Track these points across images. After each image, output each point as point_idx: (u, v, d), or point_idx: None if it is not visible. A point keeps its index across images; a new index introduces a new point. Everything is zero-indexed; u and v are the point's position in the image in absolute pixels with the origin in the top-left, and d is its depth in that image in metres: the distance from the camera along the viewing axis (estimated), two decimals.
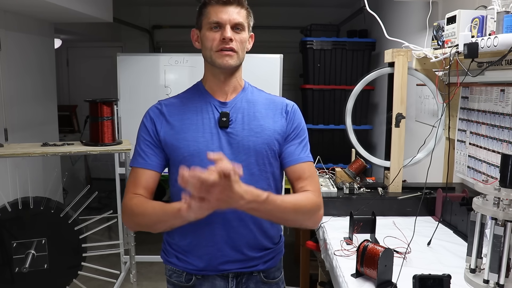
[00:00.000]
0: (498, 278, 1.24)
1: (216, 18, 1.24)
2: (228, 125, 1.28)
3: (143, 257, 3.61)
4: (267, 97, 1.38)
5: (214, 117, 1.29)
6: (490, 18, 1.57)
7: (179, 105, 1.33)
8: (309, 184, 1.28)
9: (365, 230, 1.69)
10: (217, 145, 1.27)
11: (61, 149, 2.39)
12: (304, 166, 1.31)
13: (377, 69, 2.25)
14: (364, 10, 2.26)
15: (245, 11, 1.29)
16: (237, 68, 1.32)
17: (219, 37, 1.24)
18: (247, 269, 1.32)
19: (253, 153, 1.27)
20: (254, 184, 1.12)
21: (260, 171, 1.29)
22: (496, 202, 1.23)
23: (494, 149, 1.86)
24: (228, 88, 1.33)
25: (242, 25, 1.27)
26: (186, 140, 1.27)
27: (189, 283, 1.32)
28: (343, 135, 2.31)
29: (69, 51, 6.33)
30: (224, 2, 1.24)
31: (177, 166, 1.16)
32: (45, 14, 3.45)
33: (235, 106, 1.31)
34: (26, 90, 3.57)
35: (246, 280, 1.34)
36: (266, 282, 1.37)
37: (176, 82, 3.38)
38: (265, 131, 1.29)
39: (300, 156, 1.31)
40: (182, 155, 1.27)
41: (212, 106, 1.31)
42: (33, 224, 2.22)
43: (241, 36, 1.27)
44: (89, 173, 5.87)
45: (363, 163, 2.23)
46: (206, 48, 1.27)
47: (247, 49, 1.33)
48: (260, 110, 1.33)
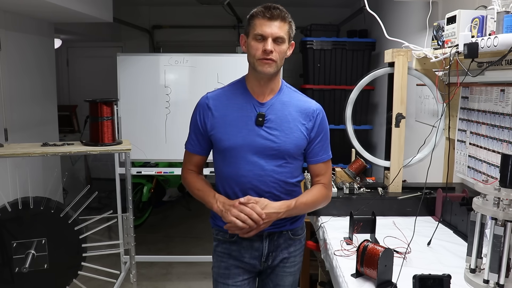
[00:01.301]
0: (498, 278, 1.24)
1: (260, 31, 1.46)
2: (263, 124, 1.54)
3: (143, 257, 3.61)
4: (299, 99, 1.62)
5: (252, 115, 1.55)
6: (490, 18, 1.57)
7: (224, 100, 1.59)
8: (323, 178, 1.65)
9: (365, 230, 1.69)
10: (251, 140, 1.53)
11: (61, 149, 2.39)
12: (322, 165, 1.64)
13: (371, 72, 2.23)
14: (364, 10, 2.27)
15: (288, 25, 1.49)
16: (275, 74, 1.55)
17: (262, 47, 1.46)
18: (277, 229, 1.62)
19: (282, 149, 1.55)
20: (278, 173, 1.55)
21: (286, 163, 1.57)
22: (496, 202, 1.23)
23: (494, 149, 1.86)
24: (267, 89, 1.57)
25: (283, 38, 1.48)
26: (228, 133, 1.55)
27: (233, 239, 1.63)
28: (343, 135, 2.31)
29: (69, 51, 6.33)
30: (269, 17, 1.45)
31: (219, 153, 1.59)
32: (45, 14, 3.45)
33: (271, 107, 1.56)
34: (26, 90, 3.57)
35: (277, 237, 1.65)
36: (292, 238, 1.68)
37: (176, 82, 3.38)
38: (294, 133, 1.56)
39: (322, 157, 1.63)
40: (223, 146, 1.56)
41: (251, 106, 1.56)
42: (33, 224, 2.22)
43: (281, 48, 1.49)
44: (89, 173, 5.87)
45: (363, 163, 2.23)
46: (250, 55, 1.51)
47: (286, 56, 1.55)
48: (291, 112, 1.57)
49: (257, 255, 1.64)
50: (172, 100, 3.37)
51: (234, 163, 1.55)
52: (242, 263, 1.65)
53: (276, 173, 1.56)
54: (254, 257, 1.64)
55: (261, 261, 1.65)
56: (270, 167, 1.55)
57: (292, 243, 1.68)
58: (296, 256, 1.71)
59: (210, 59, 3.37)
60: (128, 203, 2.61)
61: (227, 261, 1.66)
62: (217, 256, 1.70)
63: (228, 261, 1.66)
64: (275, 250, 1.65)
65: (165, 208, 5.26)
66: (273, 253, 1.65)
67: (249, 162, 1.54)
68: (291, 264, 1.70)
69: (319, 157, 1.63)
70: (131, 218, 2.58)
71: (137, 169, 3.68)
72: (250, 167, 1.54)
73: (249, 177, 1.54)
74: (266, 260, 1.65)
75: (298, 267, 1.74)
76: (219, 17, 5.48)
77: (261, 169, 1.54)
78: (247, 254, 1.64)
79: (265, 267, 1.67)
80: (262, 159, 1.54)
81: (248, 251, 1.63)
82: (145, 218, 4.68)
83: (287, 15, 1.49)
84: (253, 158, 1.54)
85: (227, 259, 1.66)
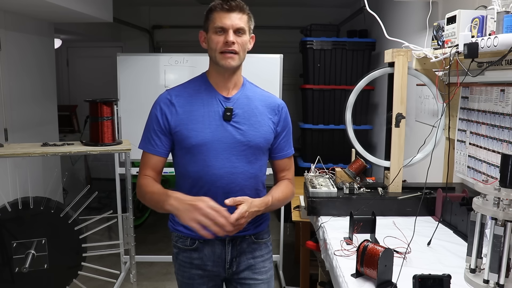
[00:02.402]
0: (498, 278, 1.24)
1: (220, 23, 1.42)
2: (231, 118, 1.49)
3: (143, 257, 3.62)
4: (262, 94, 1.59)
5: (219, 110, 1.49)
6: (490, 18, 1.57)
7: (187, 96, 1.51)
8: (289, 174, 1.65)
9: (365, 230, 1.69)
10: (220, 136, 1.47)
11: (61, 149, 2.39)
12: (287, 160, 1.64)
13: (369, 73, 2.20)
14: (364, 10, 2.26)
15: (247, 16, 1.47)
16: (238, 67, 1.51)
17: (222, 40, 1.43)
18: (240, 233, 1.52)
19: (253, 144, 1.50)
20: (249, 170, 1.51)
21: (256, 160, 1.53)
22: (496, 202, 1.23)
23: (494, 149, 1.86)
24: (230, 84, 1.53)
25: (243, 29, 1.45)
26: (195, 130, 1.47)
27: (193, 246, 1.57)
28: (343, 135, 2.31)
29: (69, 51, 6.33)
30: (228, 9, 1.42)
31: (184, 152, 1.49)
32: (45, 14, 3.45)
33: (237, 101, 1.52)
34: (26, 90, 3.57)
35: (240, 242, 1.59)
36: (256, 242, 1.63)
37: (176, 82, 3.34)
38: (263, 127, 1.52)
39: (287, 152, 1.63)
40: (190, 144, 1.47)
41: (217, 100, 1.51)
42: (33, 224, 2.22)
43: (243, 39, 1.46)
44: (89, 173, 5.87)
45: (363, 163, 2.23)
46: (211, 49, 1.46)
47: (248, 49, 1.51)
48: (257, 106, 1.54)
49: (220, 262, 1.58)
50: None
51: (203, 160, 1.47)
52: (206, 272, 1.59)
53: (247, 170, 1.50)
54: (218, 264, 1.58)
55: (225, 268, 1.59)
56: (242, 163, 1.49)
57: (257, 247, 1.63)
58: (265, 262, 1.65)
59: None
60: (128, 203, 2.61)
61: (189, 271, 1.60)
62: (179, 265, 1.62)
63: (190, 270, 1.59)
64: (238, 256, 1.59)
65: None
66: (236, 259, 1.59)
67: (219, 159, 1.47)
68: (261, 270, 1.63)
69: (285, 152, 1.61)
70: (131, 218, 2.58)
71: (137, 169, 3.65)
72: (221, 164, 1.47)
73: (219, 174, 1.47)
74: (230, 267, 1.59)
75: (270, 274, 1.67)
76: None
77: (232, 166, 1.48)
78: (210, 262, 1.58)
79: (230, 273, 1.61)
80: (233, 155, 1.48)
81: (210, 258, 1.57)
82: (145, 218, 4.68)
83: (246, 7, 1.46)
84: (223, 154, 1.47)
85: (189, 269, 1.60)
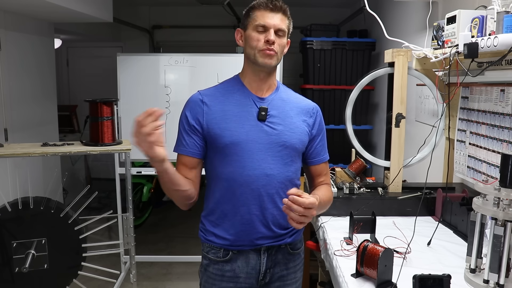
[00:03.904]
0: (498, 278, 1.24)
1: (263, 22, 1.40)
2: (266, 118, 1.44)
3: (143, 257, 3.61)
4: (296, 97, 1.56)
5: (253, 110, 1.45)
6: (490, 18, 1.57)
7: (220, 96, 1.48)
8: (327, 179, 1.61)
9: (365, 230, 1.69)
10: (256, 136, 1.43)
11: (61, 149, 2.39)
12: (324, 165, 1.60)
13: (371, 72, 2.22)
14: (364, 10, 2.26)
15: (288, 20, 1.45)
16: (274, 68, 1.48)
17: (263, 38, 1.40)
18: (276, 243, 1.50)
19: (288, 145, 1.45)
20: (285, 172, 1.45)
21: (292, 162, 1.48)
22: (496, 202, 1.23)
23: (494, 149, 1.86)
24: (265, 85, 1.49)
25: (284, 31, 1.43)
26: (229, 129, 1.42)
27: (226, 258, 1.49)
28: (343, 135, 2.31)
29: (69, 51, 6.33)
30: (272, 8, 1.40)
31: (218, 152, 1.43)
32: (45, 14, 3.45)
33: (271, 102, 1.47)
34: (26, 90, 3.56)
35: (276, 252, 1.52)
36: (292, 253, 1.56)
37: (176, 82, 3.38)
38: (298, 128, 1.48)
39: (324, 157, 1.58)
40: (224, 143, 1.42)
41: (251, 100, 1.46)
42: (33, 224, 2.22)
43: (282, 41, 1.43)
44: (89, 173, 5.87)
45: (363, 163, 2.23)
46: (251, 47, 1.42)
47: (284, 53, 1.48)
48: (292, 108, 1.50)
49: (254, 273, 1.49)
50: (172, 100, 3.37)
51: (237, 161, 1.41)
52: (238, 284, 1.50)
53: (283, 172, 1.45)
54: (251, 276, 1.49)
55: (258, 280, 1.51)
56: (278, 165, 1.43)
57: (291, 258, 1.56)
58: (296, 272, 1.59)
59: (210, 59, 3.37)
60: (128, 203, 2.61)
61: (219, 284, 1.50)
62: (208, 277, 1.52)
63: (221, 284, 1.50)
64: (273, 267, 1.52)
65: (165, 208, 5.26)
66: (271, 270, 1.51)
67: (254, 160, 1.41)
68: (292, 281, 1.57)
69: (322, 157, 1.57)
70: (131, 218, 2.59)
71: (137, 169, 3.68)
72: (256, 164, 1.41)
73: (254, 176, 1.41)
74: (264, 278, 1.51)
75: (299, 283, 1.61)
76: (219, 17, 5.48)
77: (268, 167, 1.42)
78: (243, 273, 1.49)
79: (261, 285, 1.53)
80: (269, 156, 1.42)
81: (243, 270, 1.49)
82: (145, 218, 4.68)
83: (288, 11, 1.45)
84: (258, 155, 1.41)
85: (219, 281, 1.50)
